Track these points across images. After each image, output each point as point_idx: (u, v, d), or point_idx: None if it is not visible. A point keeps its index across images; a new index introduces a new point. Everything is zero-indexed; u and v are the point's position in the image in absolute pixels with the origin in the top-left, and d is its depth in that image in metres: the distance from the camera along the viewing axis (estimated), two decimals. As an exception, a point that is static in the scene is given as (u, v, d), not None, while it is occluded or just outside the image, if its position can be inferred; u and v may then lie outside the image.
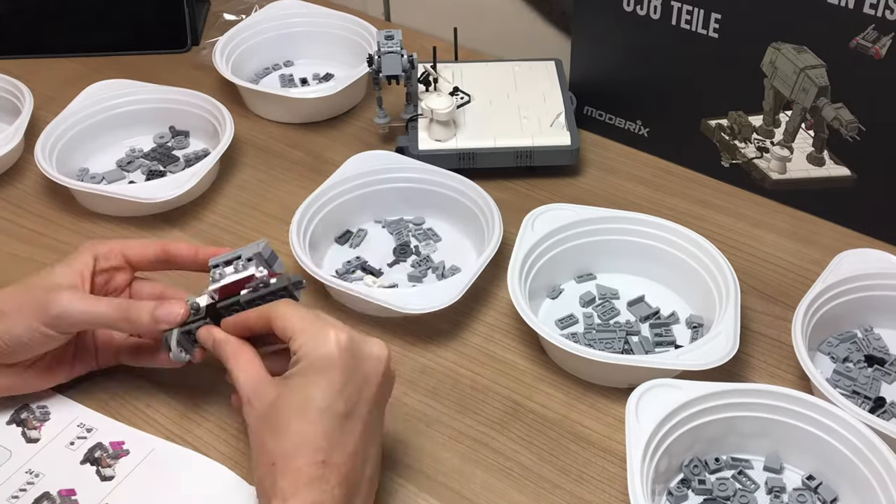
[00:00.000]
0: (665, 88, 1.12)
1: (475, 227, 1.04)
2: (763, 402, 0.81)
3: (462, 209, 1.06)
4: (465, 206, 1.05)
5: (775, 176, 1.09)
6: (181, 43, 1.40)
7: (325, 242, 1.06)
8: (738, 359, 0.90)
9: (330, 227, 1.06)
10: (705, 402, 0.81)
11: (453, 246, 1.06)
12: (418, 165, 1.08)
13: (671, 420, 0.79)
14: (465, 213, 1.05)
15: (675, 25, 1.06)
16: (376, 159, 1.09)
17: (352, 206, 1.07)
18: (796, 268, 1.02)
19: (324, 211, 1.04)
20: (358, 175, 1.07)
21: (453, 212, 1.07)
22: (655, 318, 0.97)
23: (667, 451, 0.79)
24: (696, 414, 0.81)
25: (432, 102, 1.10)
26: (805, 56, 0.99)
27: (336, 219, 1.06)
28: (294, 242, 0.98)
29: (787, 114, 1.05)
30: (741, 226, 1.08)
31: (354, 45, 1.31)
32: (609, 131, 1.20)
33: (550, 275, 0.99)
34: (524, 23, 1.32)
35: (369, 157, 1.09)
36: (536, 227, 0.98)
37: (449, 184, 1.06)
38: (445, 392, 0.91)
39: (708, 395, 0.81)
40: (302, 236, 1.00)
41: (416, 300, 0.93)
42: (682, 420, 0.80)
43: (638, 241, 0.99)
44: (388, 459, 0.85)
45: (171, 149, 1.20)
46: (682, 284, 0.98)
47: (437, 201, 1.07)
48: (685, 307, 0.98)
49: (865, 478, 0.77)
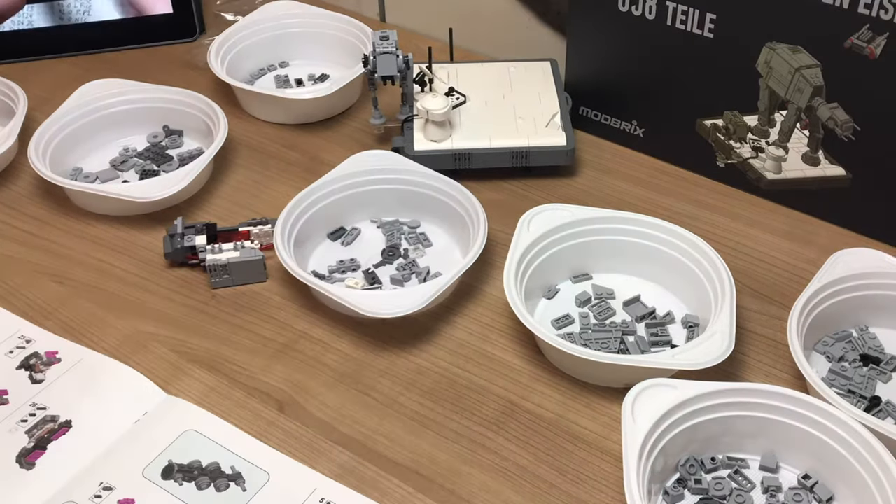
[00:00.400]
0: (660, 88, 1.13)
1: (464, 232, 1.04)
2: (759, 402, 0.82)
3: (452, 214, 1.06)
4: (454, 211, 1.05)
5: (770, 176, 1.10)
6: (190, 31, 1.41)
7: (316, 238, 1.07)
8: (733, 358, 0.90)
9: (323, 223, 1.07)
10: (701, 401, 0.81)
11: (443, 251, 1.06)
12: (413, 167, 1.08)
13: (667, 419, 0.80)
14: (455, 218, 1.06)
15: (670, 26, 1.06)
16: (376, 158, 1.09)
17: (348, 203, 1.07)
18: (792, 267, 1.03)
19: (318, 206, 1.05)
20: (356, 173, 1.07)
21: (445, 216, 1.07)
22: (651, 317, 0.97)
23: (663, 450, 0.80)
24: (693, 413, 0.81)
25: (428, 103, 1.10)
26: (800, 56, 1.00)
27: (331, 215, 1.07)
28: (278, 233, 0.99)
29: (783, 114, 1.05)
30: (736, 226, 1.08)
31: (350, 45, 1.31)
32: (604, 131, 1.20)
33: (546, 275, 0.99)
34: (519, 23, 1.32)
35: (370, 156, 1.09)
36: (532, 227, 0.99)
37: (438, 186, 1.06)
38: (441, 393, 0.91)
39: (704, 394, 0.81)
40: (290, 229, 1.02)
41: (378, 303, 0.93)
42: (678, 420, 0.81)
43: (634, 241, 0.99)
44: (384, 461, 0.85)
45: (164, 148, 1.21)
46: (678, 284, 0.99)
47: (430, 205, 1.08)
48: (681, 307, 0.98)
49: (861, 477, 0.77)
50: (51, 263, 1.05)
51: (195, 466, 0.84)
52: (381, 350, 0.95)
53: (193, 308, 1.00)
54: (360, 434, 0.88)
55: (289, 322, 0.98)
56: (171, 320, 0.99)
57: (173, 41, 1.41)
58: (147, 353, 0.95)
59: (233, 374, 0.93)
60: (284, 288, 1.02)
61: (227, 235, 1.04)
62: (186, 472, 0.84)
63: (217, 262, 1.00)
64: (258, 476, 0.84)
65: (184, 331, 0.97)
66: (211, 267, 1.01)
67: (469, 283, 1.02)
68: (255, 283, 1.02)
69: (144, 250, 1.07)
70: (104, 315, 0.99)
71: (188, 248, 1.03)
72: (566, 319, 0.97)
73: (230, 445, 0.86)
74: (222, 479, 0.83)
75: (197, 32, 1.41)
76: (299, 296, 1.01)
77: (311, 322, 0.98)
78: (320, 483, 0.83)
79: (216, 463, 0.85)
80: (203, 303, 1.01)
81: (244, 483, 0.83)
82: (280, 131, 1.24)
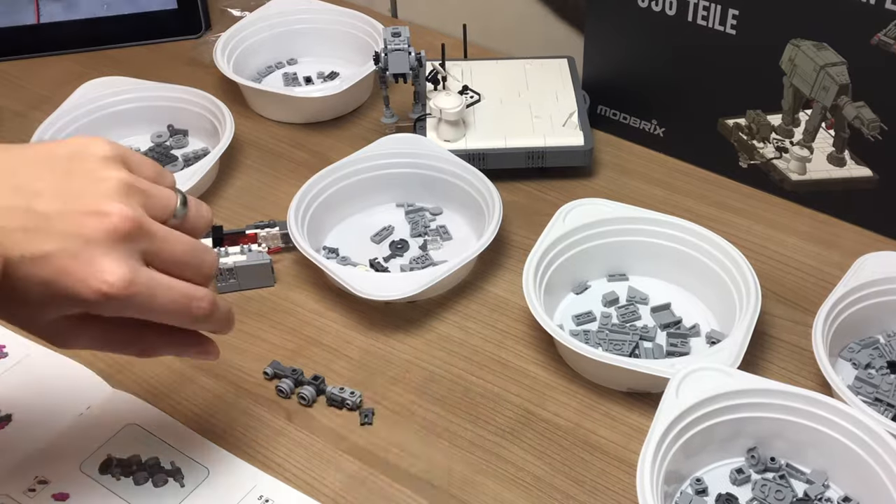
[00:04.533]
0: (681, 87, 1.13)
1: (481, 223, 1.05)
2: (811, 410, 0.81)
3: (472, 203, 1.07)
4: (474, 201, 1.07)
5: (795, 177, 1.10)
6: (195, 27, 1.42)
7: (334, 218, 1.10)
8: (757, 365, 0.91)
9: (347, 202, 1.10)
10: (755, 396, 0.81)
11: (461, 242, 1.07)
12: (440, 153, 1.10)
13: (714, 404, 0.80)
14: (475, 208, 1.07)
15: (691, 22, 1.07)
16: (405, 142, 1.11)
17: (373, 184, 1.10)
18: (816, 271, 1.03)
19: (337, 186, 1.08)
20: (383, 154, 1.10)
21: (466, 204, 1.08)
22: (676, 327, 0.98)
23: (700, 434, 0.81)
24: (743, 406, 0.81)
25: (441, 101, 1.11)
26: (825, 53, 1.00)
27: (351, 196, 1.10)
28: (293, 208, 1.02)
29: (807, 113, 1.06)
30: (759, 228, 1.09)
31: (360, 42, 1.32)
32: (623, 131, 1.21)
33: (577, 270, 1.00)
34: (536, 19, 1.33)
35: (399, 140, 1.12)
36: (568, 220, 0.99)
37: (464, 175, 1.08)
38: (455, 401, 0.92)
39: (759, 390, 0.81)
40: (305, 207, 1.04)
41: (372, 285, 0.95)
42: (729, 408, 0.81)
43: (674, 247, 0.99)
44: (395, 471, 0.86)
45: (169, 148, 1.21)
46: (712, 298, 0.99)
47: (453, 193, 1.09)
48: (711, 321, 0.98)
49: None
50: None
51: (134, 461, 0.86)
52: (393, 357, 0.96)
53: (199, 313, 1.01)
54: (370, 444, 0.88)
55: (297, 328, 0.99)
56: (176, 326, 0.99)
57: (178, 38, 1.42)
58: (150, 361, 0.95)
59: (239, 382, 0.94)
60: (293, 292, 1.02)
61: (233, 238, 1.05)
62: (125, 466, 0.85)
63: (223, 265, 1.01)
64: (198, 471, 0.85)
65: (189, 336, 0.98)
66: (217, 271, 1.01)
67: (485, 288, 1.02)
68: (262, 287, 1.03)
69: (149, 254, 1.07)
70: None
71: None
72: (588, 317, 0.98)
73: (172, 440, 0.88)
74: (161, 475, 0.85)
75: (202, 28, 1.43)
76: (308, 300, 1.02)
77: (321, 328, 0.99)
78: (260, 479, 0.85)
79: (156, 458, 0.86)
80: (209, 308, 1.01)
81: (183, 479, 0.85)
82: (288, 131, 1.25)
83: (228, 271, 1.01)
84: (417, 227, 1.08)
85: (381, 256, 1.05)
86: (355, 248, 1.07)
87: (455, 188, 1.09)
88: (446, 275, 0.96)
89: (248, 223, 1.08)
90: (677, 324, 0.98)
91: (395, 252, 1.06)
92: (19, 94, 1.32)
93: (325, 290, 1.02)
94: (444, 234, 1.08)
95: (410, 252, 1.06)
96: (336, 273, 0.96)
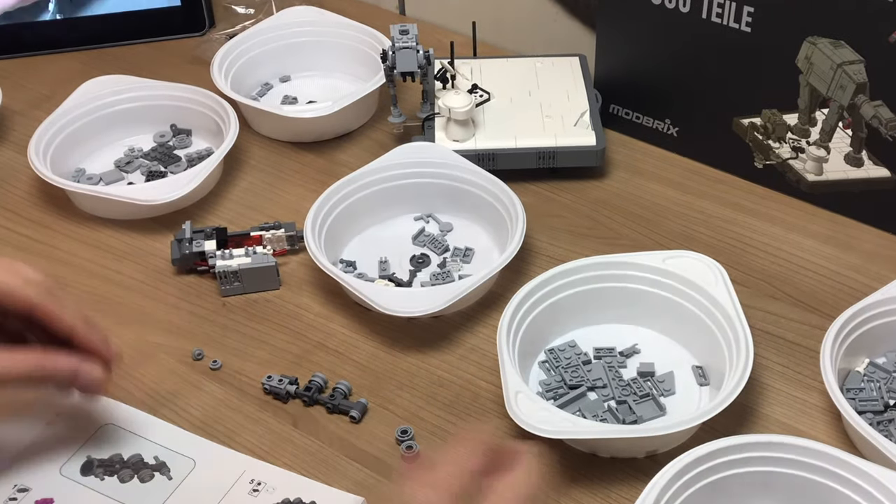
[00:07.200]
0: (695, 85, 1.13)
1: (505, 236, 1.04)
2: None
3: (495, 215, 1.06)
4: (496, 212, 1.06)
5: (811, 177, 1.10)
6: (199, 25, 1.43)
7: (351, 231, 1.09)
8: (770, 369, 0.91)
9: (367, 212, 1.09)
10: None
11: (482, 253, 1.07)
12: (462, 164, 1.09)
13: None
14: (497, 220, 1.06)
15: (705, 19, 1.07)
16: (424, 151, 1.11)
17: (389, 195, 1.09)
18: (833, 274, 1.03)
19: (354, 197, 1.07)
20: (400, 164, 1.09)
21: (489, 218, 1.07)
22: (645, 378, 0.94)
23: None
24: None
25: (450, 101, 1.11)
26: (842, 51, 1.01)
27: (368, 208, 1.09)
28: (309, 220, 1.01)
29: (824, 112, 1.06)
30: (775, 230, 1.09)
31: (364, 55, 1.29)
32: (636, 131, 1.21)
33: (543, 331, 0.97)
34: (546, 17, 1.33)
35: (418, 148, 1.11)
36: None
37: (480, 183, 1.07)
38: (463, 406, 0.92)
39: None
40: (322, 218, 1.04)
41: (393, 301, 0.95)
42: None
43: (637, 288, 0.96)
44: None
45: (172, 148, 1.22)
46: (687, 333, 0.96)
47: (474, 202, 1.09)
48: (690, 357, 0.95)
49: None
50: (52, 270, 1.05)
51: (116, 460, 0.87)
52: (400, 361, 0.96)
53: (202, 317, 1.01)
54: (377, 450, 0.89)
55: (303, 332, 0.99)
56: (179, 330, 1.00)
57: (181, 35, 1.43)
58: (154, 365, 0.96)
59: (244, 387, 0.94)
60: (299, 296, 1.03)
61: (238, 240, 1.06)
62: (107, 466, 0.86)
63: (227, 268, 1.02)
64: (183, 463, 0.86)
65: (192, 341, 0.99)
66: (221, 274, 1.02)
67: (496, 292, 1.02)
68: (267, 290, 1.03)
69: (151, 256, 1.08)
70: (108, 324, 0.98)
71: (197, 254, 1.04)
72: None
73: (151, 436, 0.89)
74: (146, 470, 0.86)
75: (206, 26, 1.43)
76: (314, 304, 1.02)
77: (327, 332, 0.99)
78: (249, 464, 0.86)
79: (138, 454, 0.87)
80: (213, 311, 1.02)
81: (169, 472, 0.86)
82: (293, 131, 1.25)
83: (233, 274, 1.02)
84: (438, 247, 1.07)
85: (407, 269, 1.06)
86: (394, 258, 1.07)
87: (475, 197, 1.08)
88: (469, 290, 0.96)
89: (252, 225, 1.08)
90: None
91: (416, 267, 1.06)
92: (20, 92, 1.32)
93: (332, 294, 1.03)
94: (464, 255, 1.06)
95: (431, 268, 1.06)
96: (357, 289, 0.96)
